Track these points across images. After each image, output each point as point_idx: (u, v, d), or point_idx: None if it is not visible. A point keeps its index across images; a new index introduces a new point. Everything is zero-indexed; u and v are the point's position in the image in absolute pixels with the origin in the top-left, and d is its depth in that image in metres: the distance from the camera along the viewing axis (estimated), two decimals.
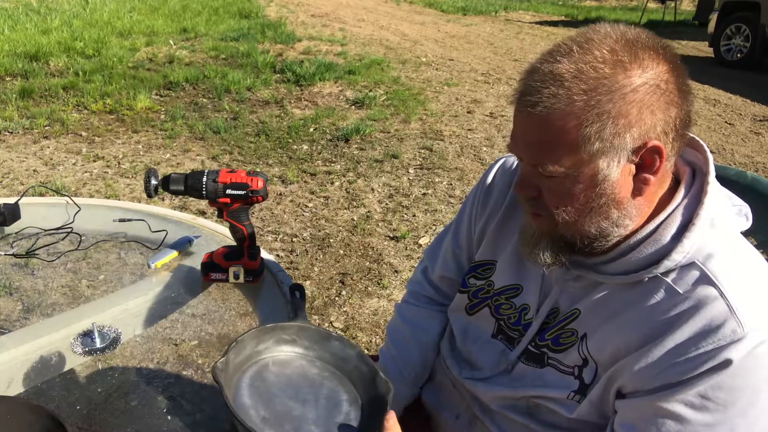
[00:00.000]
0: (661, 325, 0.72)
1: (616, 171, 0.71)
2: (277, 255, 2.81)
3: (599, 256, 0.79)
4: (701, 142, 0.80)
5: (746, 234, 0.79)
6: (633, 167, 0.72)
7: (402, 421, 0.80)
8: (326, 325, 2.35)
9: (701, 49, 9.00)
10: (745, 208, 0.80)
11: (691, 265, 0.72)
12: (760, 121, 5.39)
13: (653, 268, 0.73)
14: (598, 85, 0.67)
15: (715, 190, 0.75)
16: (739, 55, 7.75)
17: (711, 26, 8.11)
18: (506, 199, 0.96)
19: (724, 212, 0.76)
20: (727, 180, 0.97)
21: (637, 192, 0.73)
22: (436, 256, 1.10)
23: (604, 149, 0.69)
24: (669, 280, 0.73)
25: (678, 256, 0.72)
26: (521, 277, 0.91)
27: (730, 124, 5.28)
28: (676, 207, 0.75)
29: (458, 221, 1.06)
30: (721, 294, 0.69)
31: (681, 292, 0.72)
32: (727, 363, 0.67)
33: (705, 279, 0.71)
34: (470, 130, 4.77)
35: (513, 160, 0.99)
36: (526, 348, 0.88)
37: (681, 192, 0.76)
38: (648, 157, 0.71)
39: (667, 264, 0.72)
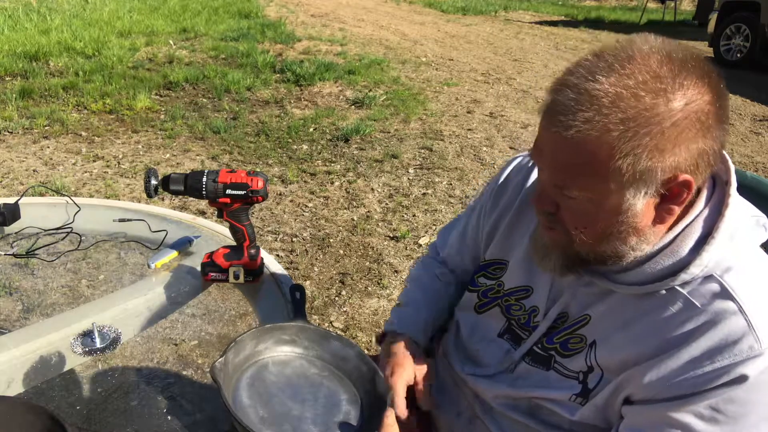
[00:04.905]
0: (676, 338, 0.70)
1: (642, 202, 0.69)
2: (277, 255, 2.81)
3: (613, 265, 0.77)
4: (724, 152, 0.76)
5: (764, 246, 0.76)
6: (658, 198, 0.70)
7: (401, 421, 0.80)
8: (326, 325, 2.35)
9: (701, 49, 8.98)
10: (763, 219, 0.76)
11: (709, 278, 0.71)
12: (760, 121, 5.38)
13: (669, 280, 0.72)
14: (637, 116, 0.64)
15: (736, 202, 0.73)
16: (738, 55, 7.74)
17: (711, 26, 8.11)
18: (518, 197, 0.95)
19: (744, 225, 0.74)
20: None
21: (659, 220, 0.72)
22: (445, 240, 1.14)
23: (633, 181, 0.67)
24: (685, 292, 0.71)
25: (696, 270, 0.70)
26: (532, 279, 0.90)
27: (730, 124, 5.27)
28: (695, 218, 0.73)
29: (468, 216, 1.07)
30: (740, 309, 0.68)
31: (698, 305, 0.70)
32: (742, 378, 0.66)
33: (724, 293, 0.69)
34: (470, 130, 4.77)
35: (529, 159, 0.98)
36: (531, 348, 0.88)
37: (701, 202, 0.74)
38: (676, 189, 0.68)
39: (684, 277, 0.71)
